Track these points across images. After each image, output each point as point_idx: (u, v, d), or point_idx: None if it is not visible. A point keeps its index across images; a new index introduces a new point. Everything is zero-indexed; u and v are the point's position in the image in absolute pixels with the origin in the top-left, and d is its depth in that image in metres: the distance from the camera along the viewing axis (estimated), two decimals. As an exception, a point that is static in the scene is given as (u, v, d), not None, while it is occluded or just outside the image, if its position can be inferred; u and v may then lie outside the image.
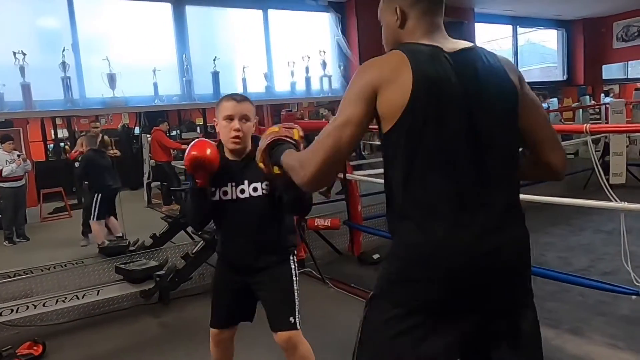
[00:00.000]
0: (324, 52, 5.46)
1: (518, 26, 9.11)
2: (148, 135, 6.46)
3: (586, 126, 2.70)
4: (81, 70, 4.20)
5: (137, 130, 7.18)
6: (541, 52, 11.22)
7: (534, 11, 8.57)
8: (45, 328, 3.43)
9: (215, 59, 4.79)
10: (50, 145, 7.14)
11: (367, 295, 1.27)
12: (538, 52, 11.29)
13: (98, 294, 3.54)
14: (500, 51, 11.46)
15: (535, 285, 3.46)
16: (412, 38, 1.24)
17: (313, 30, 5.68)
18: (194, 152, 1.84)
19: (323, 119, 7.73)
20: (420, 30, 1.24)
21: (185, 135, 7.24)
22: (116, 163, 5.52)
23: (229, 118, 1.91)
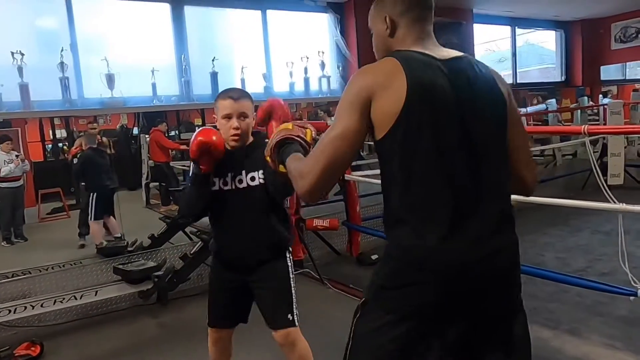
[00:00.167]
0: (323, 52, 5.47)
1: (517, 27, 9.12)
2: (147, 136, 6.45)
3: (584, 127, 2.70)
4: (79, 70, 4.20)
5: (135, 130, 7.16)
6: (540, 53, 11.22)
7: (533, 12, 8.59)
8: (43, 329, 3.42)
9: (213, 60, 4.80)
10: (49, 146, 7.12)
11: (366, 296, 1.27)
12: (536, 53, 11.29)
13: (96, 294, 3.53)
14: (499, 52, 11.48)
15: (534, 286, 3.44)
16: (403, 46, 1.24)
17: (312, 31, 5.68)
18: (200, 138, 1.85)
19: (321, 120, 7.73)
20: (410, 38, 1.25)
21: (183, 136, 7.22)
22: (114, 163, 5.51)
23: (227, 117, 1.92)
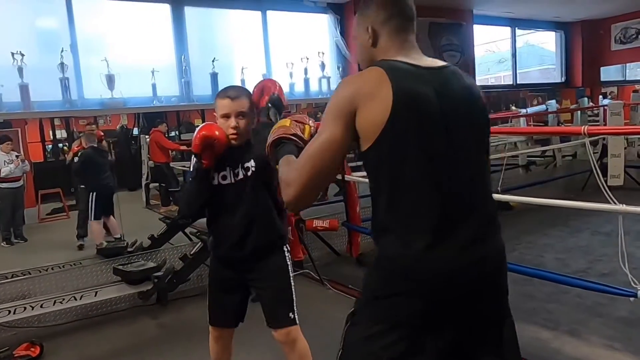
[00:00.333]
0: (323, 53, 5.47)
1: (516, 28, 9.12)
2: (147, 137, 6.45)
3: (584, 128, 2.70)
4: (79, 71, 4.20)
5: (135, 131, 7.16)
6: (540, 54, 11.23)
7: (533, 13, 8.59)
8: (43, 329, 3.42)
9: (214, 60, 4.80)
10: (49, 146, 7.12)
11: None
12: (536, 54, 11.30)
13: (96, 295, 3.53)
14: (499, 53, 11.49)
15: (533, 286, 3.44)
16: (386, 55, 1.24)
17: (312, 32, 5.69)
18: (203, 132, 1.87)
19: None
20: (394, 48, 1.25)
21: (184, 137, 7.21)
22: (114, 164, 5.51)
23: (225, 116, 1.94)
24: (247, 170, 1.97)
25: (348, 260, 4.60)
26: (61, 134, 7.16)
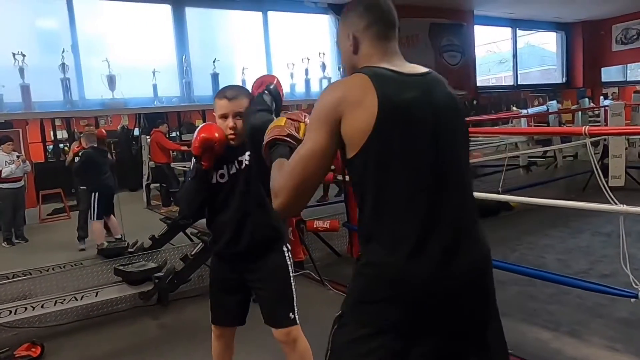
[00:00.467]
0: (324, 54, 5.47)
1: (517, 29, 9.13)
2: (147, 137, 6.45)
3: (585, 128, 2.70)
4: (81, 71, 4.21)
5: (136, 131, 7.17)
6: (540, 54, 11.23)
7: (534, 14, 8.59)
8: (44, 329, 3.42)
9: (214, 61, 4.80)
10: (50, 147, 7.13)
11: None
12: (537, 55, 11.30)
13: (97, 295, 3.53)
14: (500, 54, 11.49)
15: (534, 287, 3.43)
16: (369, 62, 1.24)
17: (312, 32, 5.69)
18: (203, 134, 1.88)
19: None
20: (377, 55, 1.25)
21: (184, 137, 7.22)
22: (115, 164, 5.52)
23: (223, 116, 1.95)
24: (240, 163, 1.97)
25: (349, 260, 4.59)
26: (62, 134, 7.17)
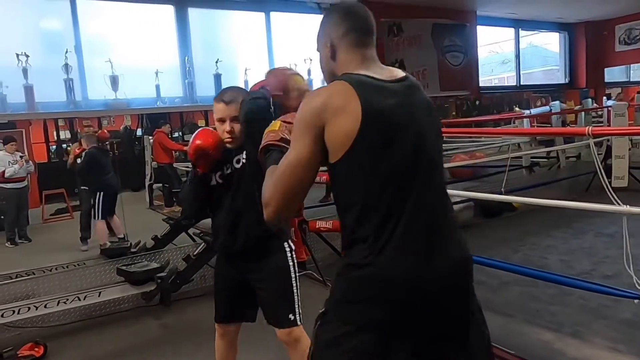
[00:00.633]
0: (326, 54, 5.46)
1: (520, 29, 9.12)
2: (150, 137, 6.47)
3: (588, 129, 2.69)
4: (84, 72, 4.22)
5: (139, 132, 7.19)
6: (543, 55, 11.22)
7: (536, 14, 8.58)
8: (47, 329, 3.43)
9: (217, 61, 4.81)
10: (53, 147, 7.15)
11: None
12: (540, 55, 11.29)
13: (99, 295, 3.54)
14: (503, 54, 11.47)
15: (537, 288, 3.41)
16: (347, 69, 1.25)
17: (315, 33, 5.69)
18: (198, 142, 1.89)
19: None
20: (355, 62, 1.26)
21: (187, 137, 7.23)
22: (118, 164, 5.53)
23: (220, 120, 1.95)
24: (238, 162, 1.97)
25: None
26: (65, 134, 7.19)
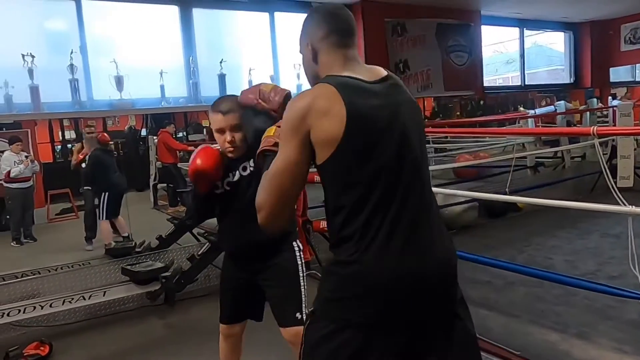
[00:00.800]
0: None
1: (525, 28, 9.09)
2: (155, 137, 6.49)
3: (594, 129, 2.68)
4: (89, 72, 4.24)
5: (143, 132, 7.21)
6: (548, 54, 11.18)
7: (541, 14, 8.55)
8: (52, 328, 3.44)
9: (221, 62, 4.82)
10: (58, 147, 7.19)
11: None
12: (545, 55, 11.25)
13: (104, 295, 3.55)
14: (507, 54, 11.44)
15: (542, 288, 3.40)
16: (330, 71, 1.26)
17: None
18: (197, 163, 1.88)
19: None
20: (337, 64, 1.26)
21: (191, 137, 7.26)
22: (123, 164, 5.55)
23: (220, 131, 1.93)
24: (244, 169, 1.98)
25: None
26: (70, 134, 7.23)
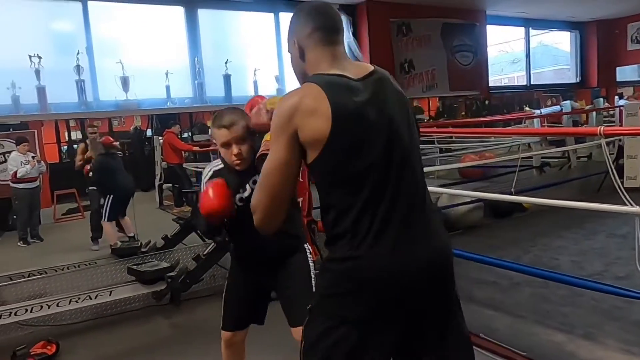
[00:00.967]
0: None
1: (530, 28, 9.05)
2: (160, 138, 6.51)
3: (600, 129, 2.66)
4: (95, 73, 4.27)
5: (149, 132, 7.24)
6: (554, 54, 11.13)
7: (547, 13, 8.52)
8: (59, 328, 3.46)
9: (227, 62, 4.84)
10: (64, 147, 7.22)
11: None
12: (551, 54, 11.20)
13: (110, 294, 3.57)
14: (513, 53, 11.39)
15: (548, 289, 3.38)
16: (318, 69, 1.26)
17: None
18: (210, 204, 1.83)
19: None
20: (324, 61, 1.26)
21: (196, 138, 7.28)
22: (128, 164, 5.56)
23: (226, 145, 1.91)
24: (254, 182, 1.94)
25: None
26: (76, 135, 7.26)
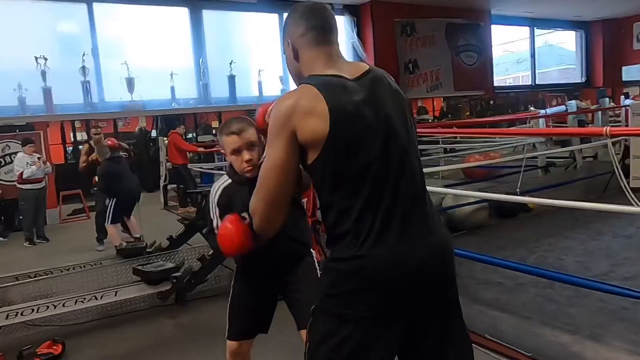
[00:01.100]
0: (339, 55, 5.47)
1: (535, 28, 9.02)
2: (165, 138, 6.53)
3: (606, 129, 2.65)
4: (100, 74, 4.29)
5: (154, 133, 7.26)
6: (559, 53, 11.09)
7: (552, 12, 8.48)
8: (65, 328, 3.48)
9: (231, 63, 4.85)
10: (70, 148, 7.26)
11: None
12: (556, 54, 11.16)
13: (116, 294, 3.58)
14: (517, 53, 11.36)
15: (554, 290, 3.37)
16: (313, 70, 1.26)
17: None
18: (231, 247, 1.69)
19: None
20: (319, 62, 1.26)
21: (201, 138, 7.30)
22: (133, 165, 5.57)
23: (236, 152, 1.90)
24: None
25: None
26: (82, 136, 7.29)
